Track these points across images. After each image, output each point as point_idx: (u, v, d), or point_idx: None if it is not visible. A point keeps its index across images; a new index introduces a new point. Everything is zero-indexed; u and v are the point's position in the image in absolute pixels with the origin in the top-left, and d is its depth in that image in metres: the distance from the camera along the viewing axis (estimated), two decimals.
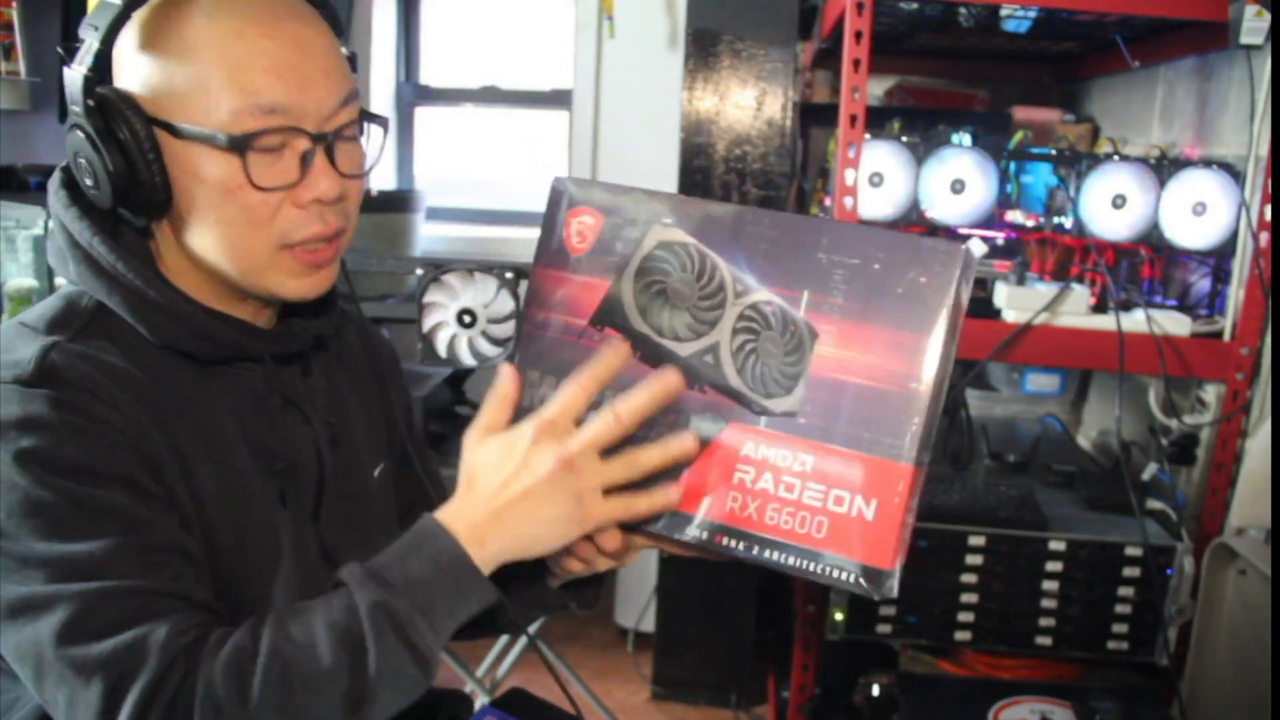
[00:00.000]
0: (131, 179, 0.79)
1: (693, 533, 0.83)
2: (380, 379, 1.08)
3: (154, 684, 0.69)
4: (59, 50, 0.82)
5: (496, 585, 0.80)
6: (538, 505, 0.78)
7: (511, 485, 0.78)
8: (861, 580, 0.79)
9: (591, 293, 0.86)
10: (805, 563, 0.81)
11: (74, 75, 0.79)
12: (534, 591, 0.99)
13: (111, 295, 0.82)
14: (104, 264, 0.82)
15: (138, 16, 0.79)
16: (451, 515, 0.79)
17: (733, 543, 0.82)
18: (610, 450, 0.80)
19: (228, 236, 0.82)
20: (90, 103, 0.78)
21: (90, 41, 0.78)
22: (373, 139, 0.89)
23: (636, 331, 0.85)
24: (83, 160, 0.81)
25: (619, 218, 0.86)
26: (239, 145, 0.78)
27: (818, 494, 0.80)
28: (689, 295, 0.83)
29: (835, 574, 0.80)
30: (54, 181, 0.86)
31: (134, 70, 0.80)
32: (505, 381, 0.84)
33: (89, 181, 0.81)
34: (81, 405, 0.75)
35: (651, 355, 0.84)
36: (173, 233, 0.84)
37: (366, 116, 0.87)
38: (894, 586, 0.80)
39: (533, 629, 1.99)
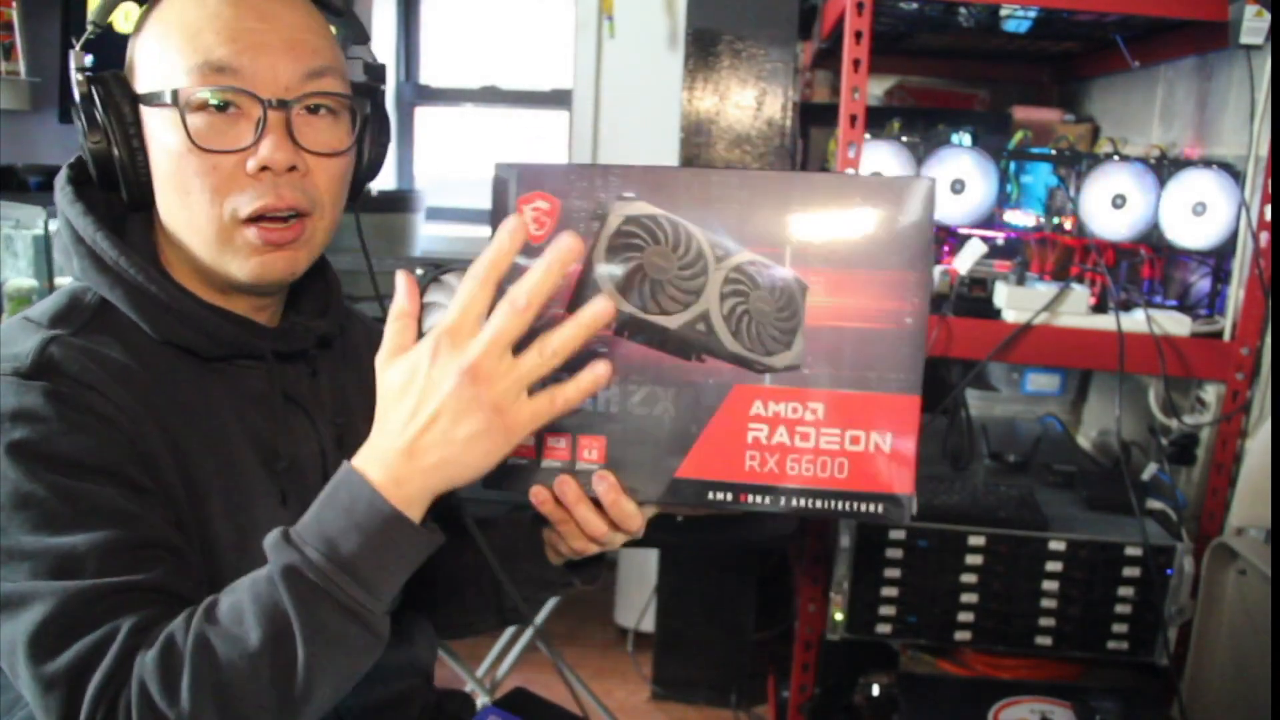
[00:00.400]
0: (108, 155, 0.82)
1: (717, 496, 0.84)
2: None
3: (106, 679, 0.68)
4: (72, 42, 0.85)
5: (501, 566, 0.80)
6: (451, 427, 0.70)
7: (419, 412, 0.70)
8: (887, 508, 0.83)
9: (563, 280, 0.83)
10: (832, 503, 0.83)
11: (71, 58, 0.82)
12: (536, 570, 0.96)
13: (114, 290, 0.82)
14: (107, 259, 0.82)
15: (128, 6, 0.83)
16: (365, 457, 0.73)
17: (758, 498, 0.84)
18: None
19: (184, 206, 0.82)
20: (78, 80, 0.82)
21: (90, 26, 0.83)
22: (348, 119, 0.87)
23: (619, 313, 0.82)
24: (82, 144, 0.83)
25: (576, 198, 0.83)
26: (178, 100, 0.79)
27: (834, 438, 0.82)
28: (668, 267, 0.82)
29: (861, 508, 0.83)
30: (60, 178, 0.86)
31: (129, 53, 0.83)
32: (402, 296, 0.75)
33: (91, 168, 0.84)
34: (77, 399, 0.75)
35: (641, 334, 0.83)
36: (158, 217, 0.86)
37: (347, 97, 0.86)
38: (914, 508, 0.84)
39: (539, 618, 1.99)
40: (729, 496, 0.84)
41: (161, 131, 0.81)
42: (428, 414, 0.70)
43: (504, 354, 0.70)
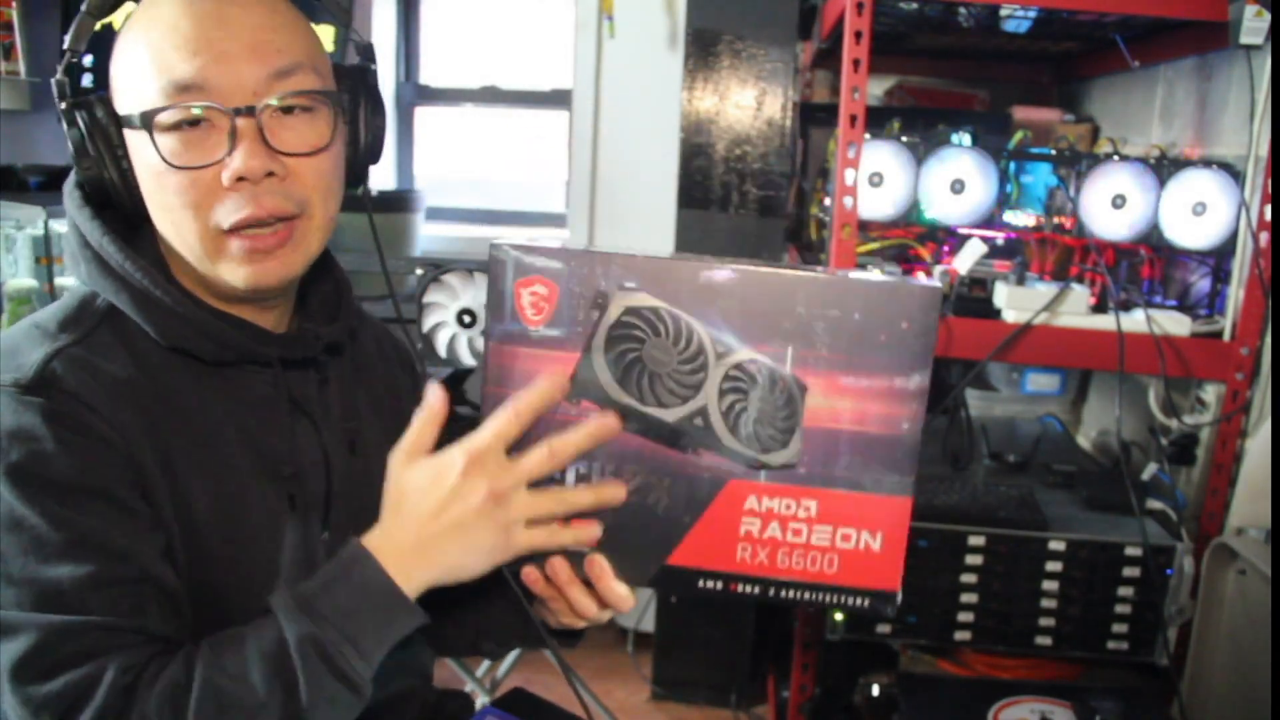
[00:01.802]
0: (99, 177, 0.82)
1: (707, 584, 0.86)
2: (396, 388, 1.07)
3: (98, 717, 0.70)
4: (61, 50, 0.85)
5: (482, 615, 0.85)
6: (466, 535, 0.78)
7: (441, 515, 0.78)
8: (874, 603, 0.85)
9: (559, 367, 0.83)
10: (820, 595, 0.86)
11: (55, 82, 0.82)
12: (515, 626, 1.00)
13: (120, 295, 0.82)
14: (113, 264, 0.82)
15: (117, 22, 0.83)
16: (379, 541, 0.79)
17: (748, 588, 0.86)
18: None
19: (170, 224, 0.82)
20: (63, 106, 0.81)
21: (68, 49, 0.82)
22: (324, 116, 0.85)
23: (616, 403, 0.83)
24: (74, 163, 0.84)
25: (576, 285, 0.82)
26: (146, 123, 0.79)
27: (825, 535, 0.84)
28: (667, 361, 0.82)
29: (849, 601, 0.85)
30: (69, 183, 0.86)
31: (110, 73, 0.83)
32: (435, 401, 0.82)
33: (86, 185, 0.84)
34: (74, 416, 0.76)
35: (638, 424, 0.83)
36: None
37: (319, 93, 0.84)
38: (899, 602, 0.86)
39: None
40: (719, 585, 0.86)
41: (137, 151, 0.82)
42: (449, 521, 0.78)
43: (525, 487, 0.79)
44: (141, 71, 0.79)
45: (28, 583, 0.72)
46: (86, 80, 0.84)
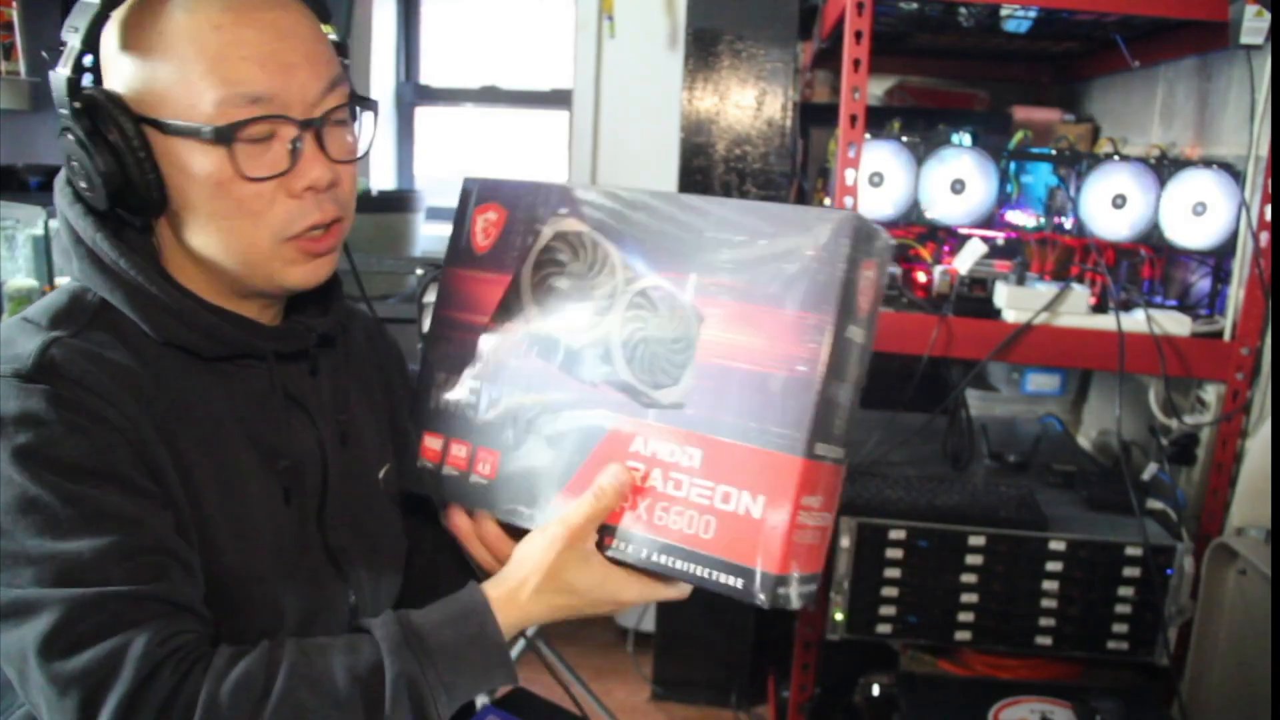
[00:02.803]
0: (123, 180, 0.79)
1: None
2: (387, 380, 1.07)
3: (132, 694, 0.69)
4: (43, 54, 0.82)
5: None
6: (573, 615, 0.83)
7: (581, 612, 0.82)
8: (749, 586, 0.73)
9: (494, 289, 0.85)
10: (690, 566, 0.75)
11: (58, 78, 0.79)
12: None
13: (114, 292, 0.82)
14: (107, 261, 0.82)
15: (118, 15, 0.79)
16: (502, 599, 0.81)
17: (622, 545, 0.78)
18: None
19: (225, 231, 0.82)
20: (76, 105, 0.78)
21: (72, 42, 0.78)
22: (364, 123, 0.88)
23: (531, 327, 0.84)
24: (75, 163, 0.81)
25: (521, 212, 0.85)
26: (224, 137, 0.78)
27: (706, 491, 0.74)
28: (583, 285, 0.80)
29: (719, 578, 0.74)
30: (59, 179, 0.86)
31: (119, 70, 0.80)
32: (612, 486, 0.79)
33: (83, 184, 0.81)
34: (79, 401, 0.75)
35: (544, 346, 0.82)
36: (172, 231, 0.84)
37: (356, 100, 0.86)
38: (790, 596, 0.74)
39: (530, 631, 1.99)
40: (596, 538, 0.79)
41: (192, 161, 0.79)
42: (588, 614, 0.82)
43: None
44: (197, 78, 0.77)
45: (47, 559, 0.72)
46: (85, 79, 0.81)
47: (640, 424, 0.78)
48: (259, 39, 0.78)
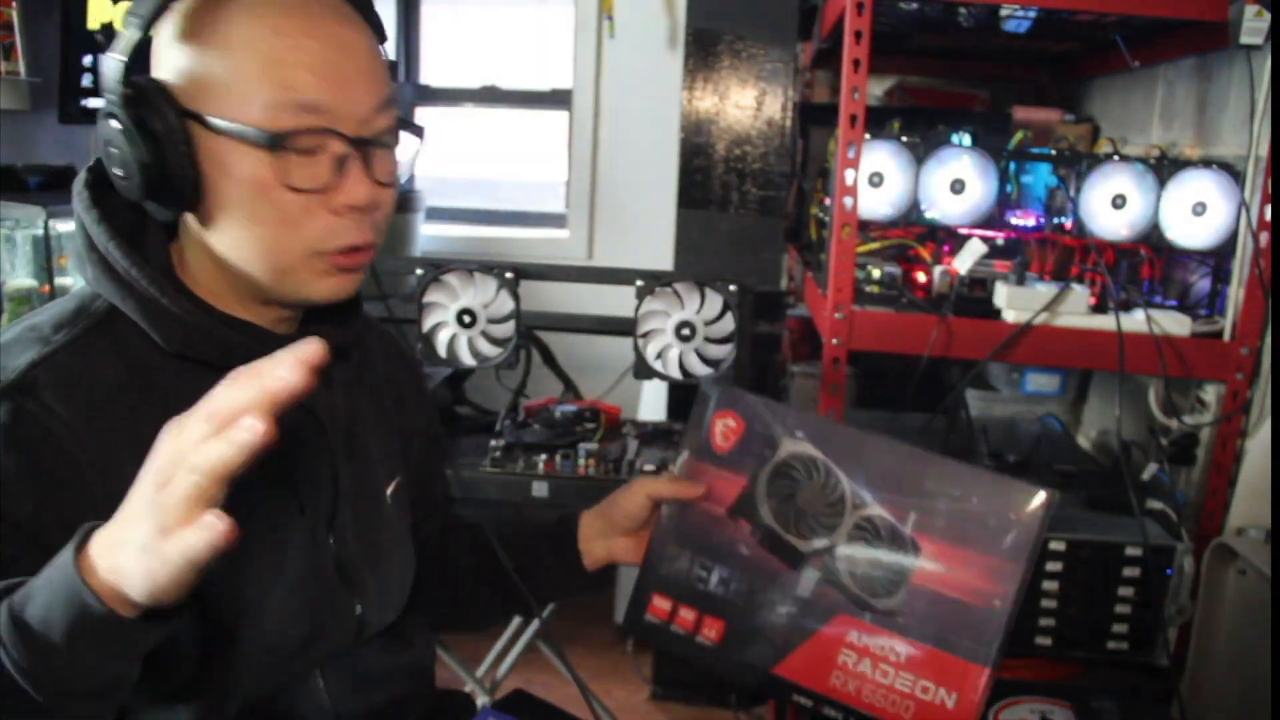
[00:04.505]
0: (162, 170, 0.78)
1: (801, 699, 0.99)
2: (400, 394, 1.06)
3: None
4: (98, 37, 0.81)
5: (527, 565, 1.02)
6: None
7: None
8: None
9: (731, 486, 1.03)
10: None
11: (111, 62, 0.77)
12: (562, 571, 1.11)
13: (126, 301, 0.81)
14: (119, 269, 0.81)
15: (178, 8, 0.78)
16: None
17: (833, 713, 0.98)
18: None
19: (258, 237, 0.80)
20: (126, 91, 0.77)
21: (131, 30, 0.77)
22: (408, 148, 0.87)
23: (765, 525, 1.01)
24: (114, 150, 0.79)
25: (758, 425, 1.03)
26: (275, 142, 0.77)
27: (908, 681, 0.95)
28: (814, 501, 0.99)
29: None
30: (78, 182, 0.85)
31: (170, 61, 0.79)
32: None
33: (119, 172, 0.80)
34: (34, 440, 0.74)
35: (776, 546, 1.01)
36: (200, 232, 0.83)
37: (404, 125, 0.86)
38: None
39: (530, 631, 1.99)
40: (810, 703, 0.99)
41: (235, 162, 0.78)
42: None
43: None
44: (252, 79, 0.76)
45: None
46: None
47: (858, 621, 0.98)
48: (319, 49, 0.78)
